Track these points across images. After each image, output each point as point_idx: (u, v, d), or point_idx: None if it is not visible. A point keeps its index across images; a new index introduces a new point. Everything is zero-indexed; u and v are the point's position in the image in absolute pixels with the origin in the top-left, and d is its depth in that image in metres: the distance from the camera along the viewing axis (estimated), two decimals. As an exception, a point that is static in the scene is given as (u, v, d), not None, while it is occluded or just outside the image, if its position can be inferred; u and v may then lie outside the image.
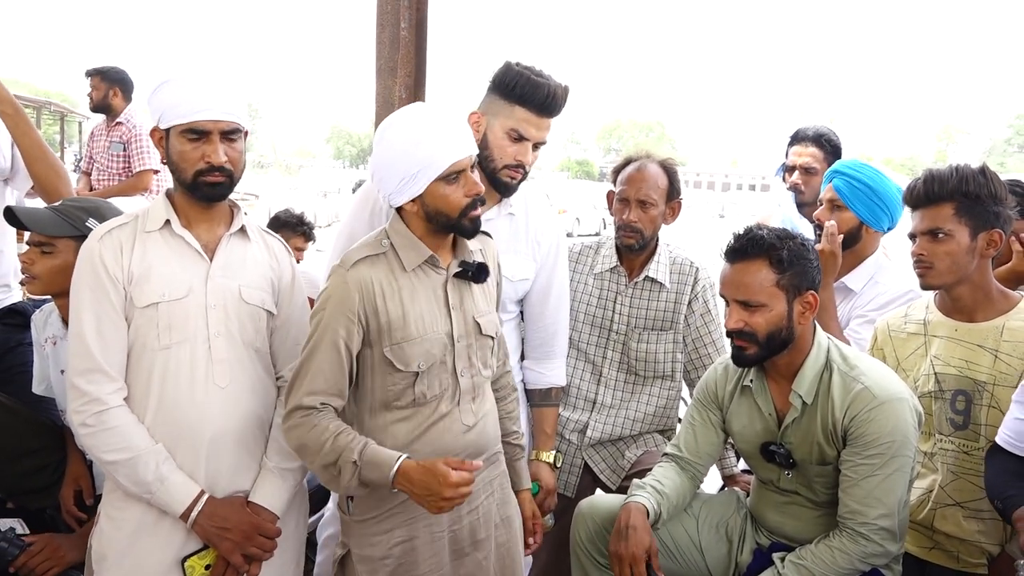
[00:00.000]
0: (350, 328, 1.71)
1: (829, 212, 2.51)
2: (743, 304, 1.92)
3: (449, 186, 1.72)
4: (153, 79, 1.74)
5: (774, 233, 1.93)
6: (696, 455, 2.17)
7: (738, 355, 1.98)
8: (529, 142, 2.08)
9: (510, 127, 2.06)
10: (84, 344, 1.70)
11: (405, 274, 1.76)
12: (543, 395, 2.32)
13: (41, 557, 2.00)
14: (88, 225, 2.03)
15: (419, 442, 1.78)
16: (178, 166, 1.74)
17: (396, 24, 2.65)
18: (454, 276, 1.81)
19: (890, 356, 2.21)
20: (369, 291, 1.72)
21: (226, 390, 1.77)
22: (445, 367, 1.79)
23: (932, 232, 2.02)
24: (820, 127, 3.07)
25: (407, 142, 1.70)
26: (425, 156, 1.69)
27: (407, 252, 1.77)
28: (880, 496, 1.85)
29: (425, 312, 1.76)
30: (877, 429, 1.85)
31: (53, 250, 2.05)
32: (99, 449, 1.70)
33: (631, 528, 1.96)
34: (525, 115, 2.05)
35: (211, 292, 1.77)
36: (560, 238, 2.32)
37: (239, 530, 1.75)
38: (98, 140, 5.20)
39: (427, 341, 1.75)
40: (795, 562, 1.92)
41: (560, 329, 2.32)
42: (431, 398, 1.78)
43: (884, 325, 2.26)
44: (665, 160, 2.52)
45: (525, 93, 2.03)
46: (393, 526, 1.80)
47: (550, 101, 2.04)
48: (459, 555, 1.87)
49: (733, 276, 1.94)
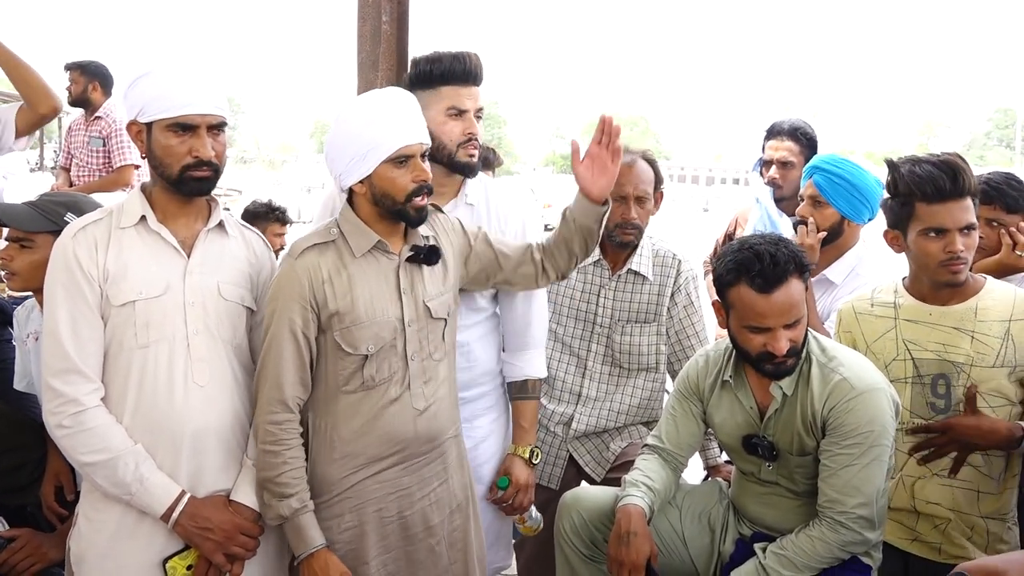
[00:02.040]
0: (305, 316, 1.76)
1: (811, 208, 2.53)
2: (790, 325, 1.88)
3: (397, 169, 1.76)
4: (130, 71, 1.71)
5: (789, 248, 1.91)
6: (678, 446, 2.18)
7: (781, 370, 1.92)
8: (469, 112, 2.08)
9: (445, 107, 2.06)
10: (59, 344, 1.67)
11: (355, 260, 1.80)
12: (520, 387, 2.28)
13: (23, 554, 1.99)
14: (66, 220, 2.00)
15: (370, 426, 1.82)
16: (163, 161, 1.71)
17: (377, 17, 2.63)
18: (406, 260, 1.84)
19: (859, 338, 2.20)
20: (318, 277, 1.77)
21: (205, 389, 1.75)
22: (395, 351, 1.82)
23: (970, 227, 1.98)
24: (795, 120, 3.07)
25: (360, 122, 1.74)
26: (375, 136, 1.73)
27: (356, 238, 1.81)
28: (858, 485, 1.87)
29: (375, 297, 1.80)
30: (855, 419, 1.87)
31: (32, 245, 2.03)
32: (77, 451, 1.67)
33: (632, 534, 1.95)
34: (453, 90, 2.06)
35: (189, 289, 1.75)
36: (527, 226, 2.27)
37: (221, 530, 1.74)
38: (76, 135, 5.13)
39: (376, 325, 1.79)
40: (776, 552, 1.94)
41: (534, 319, 2.28)
42: (380, 381, 1.81)
43: (849, 307, 2.25)
44: (646, 152, 2.54)
45: (446, 69, 2.04)
46: (343, 511, 1.83)
47: (469, 67, 2.05)
48: (411, 541, 1.89)
49: (778, 303, 1.85)
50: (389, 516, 1.87)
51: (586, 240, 2.01)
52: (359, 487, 1.83)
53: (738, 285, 1.88)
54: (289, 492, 1.75)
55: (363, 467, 1.83)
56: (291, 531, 1.77)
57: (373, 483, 1.84)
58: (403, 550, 1.89)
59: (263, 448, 1.76)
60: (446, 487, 1.95)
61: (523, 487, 2.24)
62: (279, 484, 1.74)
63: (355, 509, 1.84)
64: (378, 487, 1.85)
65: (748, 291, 1.87)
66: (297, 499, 1.75)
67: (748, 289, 1.87)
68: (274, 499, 1.75)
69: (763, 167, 3.11)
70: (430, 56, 2.07)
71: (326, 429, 1.83)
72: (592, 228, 1.99)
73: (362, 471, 1.83)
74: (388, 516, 1.86)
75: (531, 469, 2.26)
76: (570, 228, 2.00)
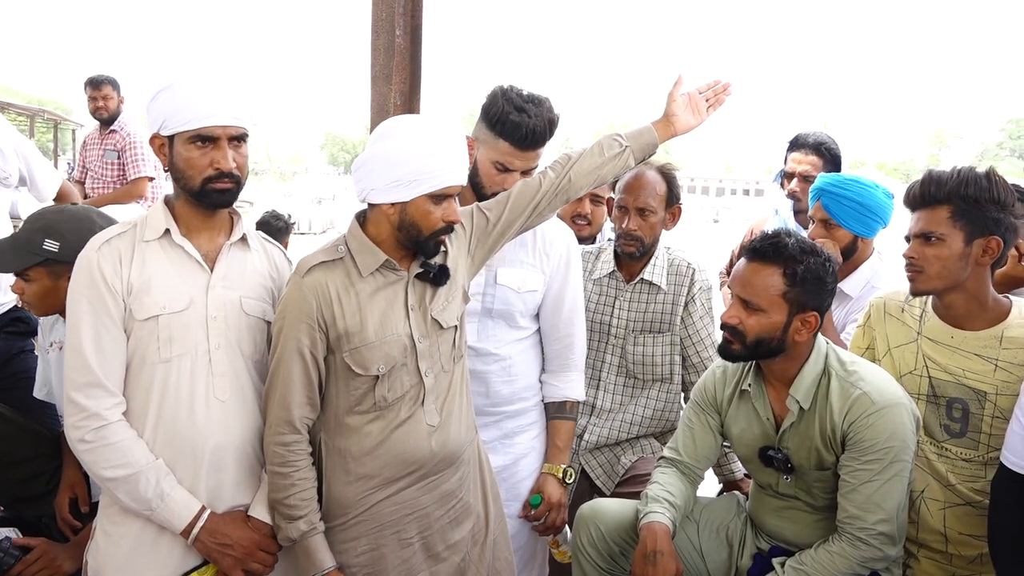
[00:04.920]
0: (312, 335, 1.73)
1: (823, 230, 2.50)
2: (744, 302, 1.93)
3: (433, 205, 1.73)
4: (152, 84, 1.69)
5: (799, 246, 1.90)
6: (695, 459, 2.16)
7: (724, 347, 1.99)
8: (516, 172, 2.09)
9: (495, 159, 2.08)
10: (82, 358, 1.66)
11: (362, 279, 1.77)
12: (558, 407, 2.29)
13: (37, 566, 1.99)
14: (46, 247, 1.99)
15: (383, 447, 1.79)
16: (184, 173, 1.70)
17: (391, 31, 2.65)
18: (415, 278, 1.81)
19: (881, 337, 2.18)
20: (325, 296, 1.74)
21: (226, 404, 1.75)
22: (407, 368, 1.80)
23: (924, 235, 1.97)
24: (820, 135, 3.05)
25: (416, 147, 1.70)
26: (426, 168, 1.69)
27: (363, 257, 1.77)
28: (879, 501, 1.85)
29: (383, 316, 1.77)
30: (876, 434, 1.85)
31: (29, 278, 2.03)
32: (98, 465, 1.67)
33: (659, 553, 1.93)
34: (508, 149, 2.06)
35: (212, 303, 1.75)
36: (571, 251, 2.29)
37: (240, 546, 1.73)
38: (91, 149, 5.19)
39: (386, 344, 1.76)
40: (795, 567, 1.92)
41: (576, 342, 2.29)
42: (392, 401, 1.79)
43: (881, 304, 2.21)
44: (663, 166, 2.51)
45: (505, 130, 2.03)
46: (358, 534, 1.81)
47: (530, 139, 2.04)
48: (436, 560, 1.87)
49: (745, 273, 1.94)
50: (408, 538, 1.84)
51: (625, 168, 2.04)
52: (375, 509, 1.80)
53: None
54: (297, 514, 1.73)
55: (378, 488, 1.81)
56: (301, 553, 1.76)
57: (389, 505, 1.82)
58: (428, 572, 1.86)
59: (272, 470, 1.75)
60: (466, 500, 1.93)
61: (555, 506, 2.24)
62: (288, 506, 1.73)
63: (371, 532, 1.81)
64: (395, 509, 1.82)
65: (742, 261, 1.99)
66: (305, 521, 1.74)
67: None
68: (283, 521, 1.74)
69: (784, 179, 3.09)
70: (504, 104, 2.04)
71: (339, 451, 1.81)
72: (647, 149, 2.03)
73: (378, 492, 1.81)
74: (407, 538, 1.84)
75: (564, 489, 2.26)
76: (614, 158, 1.99)
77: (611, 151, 1.99)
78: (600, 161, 1.99)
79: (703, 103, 2.05)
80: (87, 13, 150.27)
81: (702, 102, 2.05)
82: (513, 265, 2.19)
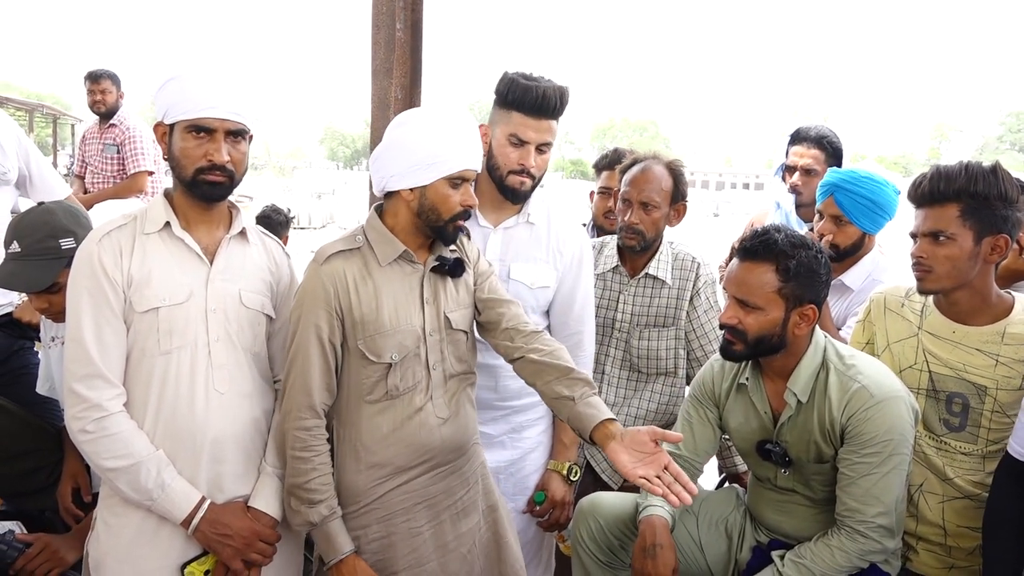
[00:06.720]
0: (331, 322, 1.76)
1: (833, 226, 2.48)
2: (741, 302, 1.93)
3: (451, 189, 1.77)
4: (162, 74, 1.72)
5: (789, 240, 1.90)
6: (694, 452, 2.17)
7: (725, 348, 1.99)
8: (530, 145, 2.09)
9: (509, 132, 2.09)
10: (83, 349, 1.67)
11: (380, 269, 1.80)
12: None
13: (40, 559, 2.00)
14: (65, 247, 1.99)
15: (395, 436, 1.81)
16: (179, 162, 1.72)
17: (392, 25, 2.64)
18: (431, 271, 1.84)
19: (880, 333, 2.18)
20: (343, 284, 1.77)
21: (226, 395, 1.76)
22: (419, 359, 1.82)
23: (934, 234, 1.93)
24: (822, 128, 3.05)
25: (432, 134, 1.75)
26: (444, 151, 1.74)
27: (382, 247, 1.81)
28: (878, 494, 1.86)
29: (399, 305, 1.80)
30: (875, 427, 1.85)
31: (56, 288, 2.00)
32: (99, 456, 1.68)
33: (658, 547, 1.95)
34: (521, 119, 2.07)
35: (211, 296, 1.76)
36: (584, 251, 2.30)
37: (240, 536, 1.74)
38: (91, 143, 5.18)
39: (400, 333, 1.79)
40: (794, 560, 1.93)
41: (585, 339, 2.30)
42: (404, 390, 1.81)
43: (881, 299, 2.21)
44: (672, 162, 2.51)
45: (517, 97, 2.06)
46: (369, 522, 1.83)
47: (541, 102, 2.05)
48: (444, 551, 1.89)
49: (738, 273, 1.94)
50: (418, 527, 1.85)
51: (552, 410, 1.84)
52: (386, 498, 1.83)
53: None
54: (318, 498, 1.75)
55: (390, 477, 1.83)
56: (320, 537, 1.78)
57: (400, 494, 1.84)
58: (437, 562, 1.87)
59: (292, 454, 1.76)
60: (472, 493, 1.95)
61: (559, 503, 2.24)
62: (308, 490, 1.74)
63: (382, 520, 1.83)
64: (405, 497, 1.84)
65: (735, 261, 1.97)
66: (326, 506, 1.76)
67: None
68: (303, 505, 1.75)
69: (785, 172, 3.08)
70: (512, 77, 2.09)
71: (350, 439, 1.83)
72: (579, 423, 1.69)
73: (389, 481, 1.83)
74: (417, 527, 1.85)
75: (569, 486, 2.26)
76: (556, 397, 1.73)
77: (561, 389, 1.73)
78: (543, 385, 1.76)
79: (653, 466, 1.58)
80: (87, 8, 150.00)
81: (655, 464, 1.59)
82: (527, 261, 2.20)
